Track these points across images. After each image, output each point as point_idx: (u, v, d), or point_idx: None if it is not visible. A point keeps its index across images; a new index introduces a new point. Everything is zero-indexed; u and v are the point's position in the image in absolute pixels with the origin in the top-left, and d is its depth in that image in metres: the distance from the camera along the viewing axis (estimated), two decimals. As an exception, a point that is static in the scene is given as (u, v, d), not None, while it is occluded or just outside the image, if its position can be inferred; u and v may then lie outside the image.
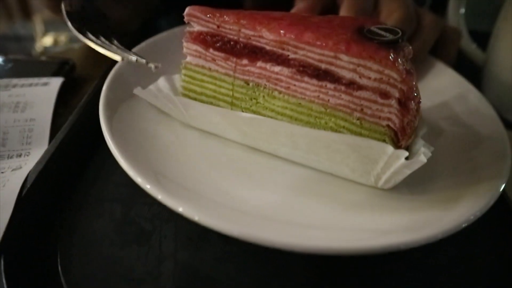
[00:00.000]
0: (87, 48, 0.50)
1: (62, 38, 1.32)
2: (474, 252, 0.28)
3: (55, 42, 1.28)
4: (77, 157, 0.31)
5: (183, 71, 0.32)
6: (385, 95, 0.26)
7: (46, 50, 1.24)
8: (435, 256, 0.27)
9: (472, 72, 0.48)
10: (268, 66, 0.29)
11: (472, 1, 0.54)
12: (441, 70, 0.41)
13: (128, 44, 0.39)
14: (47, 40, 1.27)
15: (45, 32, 1.31)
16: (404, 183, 0.27)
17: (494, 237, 0.29)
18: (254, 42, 0.29)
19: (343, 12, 0.39)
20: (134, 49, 0.37)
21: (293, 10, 0.41)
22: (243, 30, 0.29)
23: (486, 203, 0.25)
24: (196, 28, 0.30)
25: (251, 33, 0.28)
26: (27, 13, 1.35)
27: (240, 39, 0.29)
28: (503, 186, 0.27)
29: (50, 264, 0.24)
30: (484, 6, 0.58)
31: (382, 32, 0.27)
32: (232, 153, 0.31)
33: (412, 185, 0.29)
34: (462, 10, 0.50)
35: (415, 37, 0.41)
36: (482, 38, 0.48)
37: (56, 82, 0.38)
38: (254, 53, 0.29)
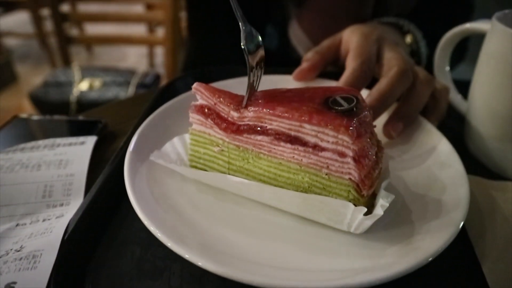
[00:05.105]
0: (118, 106, 0.59)
1: (97, 83, 1.46)
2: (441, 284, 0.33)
3: (90, 87, 1.42)
4: (106, 207, 0.38)
5: (190, 136, 0.39)
6: (342, 154, 0.32)
7: (82, 94, 1.37)
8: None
9: (458, 120, 0.52)
10: (252, 136, 0.35)
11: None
12: (420, 124, 0.46)
13: (151, 105, 0.47)
14: (83, 85, 1.42)
15: (82, 78, 1.45)
16: (376, 227, 0.33)
17: (457, 270, 0.34)
18: (239, 122, 0.36)
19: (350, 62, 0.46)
20: (157, 111, 0.45)
21: (301, 67, 0.51)
22: (231, 112, 0.36)
23: (448, 239, 0.30)
24: (199, 101, 0.38)
25: (237, 115, 0.36)
26: (67, 61, 1.50)
27: (229, 118, 0.36)
28: (461, 224, 0.32)
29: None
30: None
31: (342, 101, 0.33)
32: (229, 207, 0.37)
33: (384, 229, 0.34)
34: (447, 68, 0.55)
35: (411, 93, 0.46)
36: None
37: (91, 141, 0.46)
38: (240, 127, 0.36)
